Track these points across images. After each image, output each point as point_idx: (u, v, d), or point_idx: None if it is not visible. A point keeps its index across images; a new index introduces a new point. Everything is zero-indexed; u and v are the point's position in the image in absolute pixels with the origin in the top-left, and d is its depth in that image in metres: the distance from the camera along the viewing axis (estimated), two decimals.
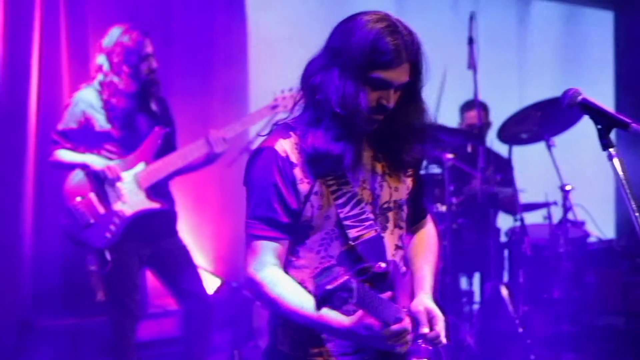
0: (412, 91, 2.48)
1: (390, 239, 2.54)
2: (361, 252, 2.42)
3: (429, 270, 2.70)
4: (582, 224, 6.35)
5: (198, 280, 4.90)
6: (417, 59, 2.42)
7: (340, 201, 2.43)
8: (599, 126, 2.35)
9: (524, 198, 6.31)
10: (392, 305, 2.33)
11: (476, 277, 6.68)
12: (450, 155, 5.94)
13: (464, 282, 6.72)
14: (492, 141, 6.43)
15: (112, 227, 4.58)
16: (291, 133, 2.47)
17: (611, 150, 2.31)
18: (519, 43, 8.82)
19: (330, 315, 2.30)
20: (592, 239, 6.37)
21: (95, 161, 4.62)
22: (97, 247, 4.60)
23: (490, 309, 6.12)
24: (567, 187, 5.71)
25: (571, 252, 5.86)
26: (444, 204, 6.08)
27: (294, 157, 2.43)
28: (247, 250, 2.48)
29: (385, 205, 2.56)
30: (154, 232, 4.78)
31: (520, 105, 6.36)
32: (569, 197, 5.73)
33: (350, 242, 2.42)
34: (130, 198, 4.64)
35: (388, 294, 2.34)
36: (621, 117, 2.33)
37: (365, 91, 2.36)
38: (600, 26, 9.40)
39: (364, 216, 2.45)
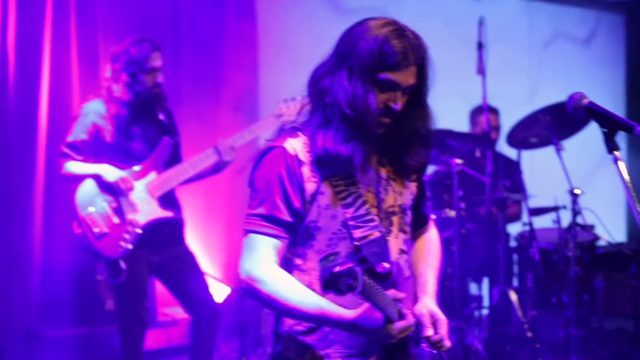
0: (417, 96, 2.50)
1: (394, 243, 2.54)
2: (365, 253, 2.42)
3: (432, 275, 2.72)
4: (591, 227, 6.33)
5: (204, 287, 4.90)
6: (423, 63, 2.44)
7: (346, 201, 2.44)
8: (605, 129, 2.36)
9: (532, 202, 6.29)
10: (396, 302, 2.34)
11: (485, 282, 6.66)
12: (458, 161, 5.93)
13: (472, 287, 6.71)
14: (502, 146, 6.42)
15: (126, 237, 4.59)
16: (299, 133, 2.49)
17: (616, 153, 2.32)
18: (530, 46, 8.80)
19: (333, 308, 2.32)
20: (601, 243, 6.35)
21: (107, 172, 4.62)
22: (112, 258, 4.60)
23: (499, 313, 6.12)
24: (576, 191, 5.68)
25: (580, 256, 5.84)
26: (452, 209, 6.07)
27: (302, 156, 2.44)
28: (244, 245, 2.47)
29: (390, 209, 2.56)
30: (163, 240, 4.78)
31: (530, 109, 6.34)
32: (578, 201, 5.71)
33: (355, 242, 2.43)
34: (143, 207, 4.65)
35: (392, 291, 2.34)
36: (626, 120, 2.34)
37: (374, 93, 2.38)
38: (612, 29, 9.36)
39: (369, 217, 2.46)
